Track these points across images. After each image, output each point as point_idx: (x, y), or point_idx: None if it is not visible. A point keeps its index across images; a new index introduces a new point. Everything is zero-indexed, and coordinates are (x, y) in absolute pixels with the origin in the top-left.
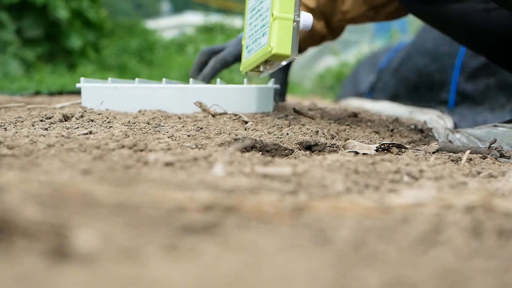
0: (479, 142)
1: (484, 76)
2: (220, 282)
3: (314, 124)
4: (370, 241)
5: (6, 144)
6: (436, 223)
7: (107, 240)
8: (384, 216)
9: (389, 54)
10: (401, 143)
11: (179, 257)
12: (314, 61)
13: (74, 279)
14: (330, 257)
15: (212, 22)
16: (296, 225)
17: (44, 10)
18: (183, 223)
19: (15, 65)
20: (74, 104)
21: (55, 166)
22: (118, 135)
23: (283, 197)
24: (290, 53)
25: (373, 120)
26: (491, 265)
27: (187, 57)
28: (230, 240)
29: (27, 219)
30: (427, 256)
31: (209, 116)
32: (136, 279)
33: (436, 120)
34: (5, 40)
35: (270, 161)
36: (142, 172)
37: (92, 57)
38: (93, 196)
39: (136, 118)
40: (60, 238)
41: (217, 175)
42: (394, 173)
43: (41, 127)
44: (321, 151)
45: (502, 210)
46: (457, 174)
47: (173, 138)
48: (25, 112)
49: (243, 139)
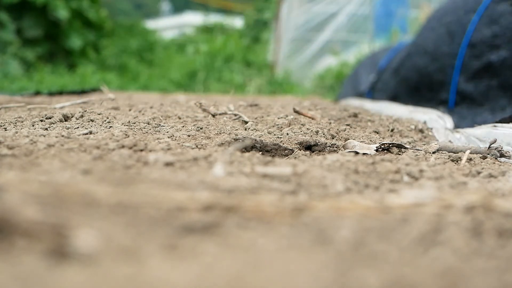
0: (479, 142)
1: (486, 77)
2: (220, 281)
3: (314, 124)
4: (370, 241)
5: (6, 144)
6: (436, 223)
7: (107, 240)
8: (384, 216)
9: (389, 54)
10: (401, 143)
11: (179, 257)
12: (314, 61)
13: (74, 279)
14: (330, 257)
15: (212, 22)
16: (296, 225)
17: (44, 10)
18: (183, 223)
19: (15, 65)
20: (74, 104)
21: (55, 166)
22: (118, 135)
23: (283, 197)
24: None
25: (373, 120)
26: (491, 265)
27: (187, 57)
28: (230, 240)
29: (27, 219)
30: (427, 256)
31: (209, 116)
32: (136, 279)
33: (436, 120)
34: (5, 40)
35: (270, 161)
36: (142, 172)
37: (92, 57)
38: (93, 196)
39: (136, 118)
40: (60, 238)
41: (217, 175)
42: (394, 173)
43: (41, 127)
44: (321, 151)
45: (502, 210)
46: (457, 174)
47: (173, 138)
48: (25, 112)
49: (243, 139)
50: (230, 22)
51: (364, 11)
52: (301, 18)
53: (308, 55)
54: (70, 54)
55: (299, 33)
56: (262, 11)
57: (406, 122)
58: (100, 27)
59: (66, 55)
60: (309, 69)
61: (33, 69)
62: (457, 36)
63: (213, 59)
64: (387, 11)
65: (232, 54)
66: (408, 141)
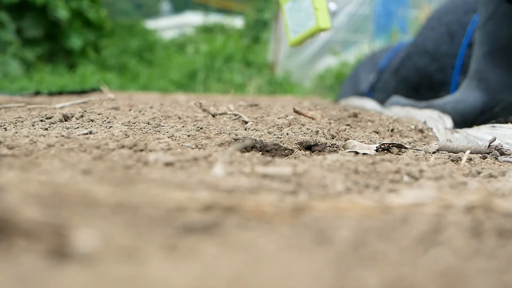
0: (479, 142)
1: None
2: (220, 281)
3: (314, 124)
4: (370, 241)
5: (6, 144)
6: (436, 223)
7: (107, 240)
8: (384, 216)
9: (389, 54)
10: (401, 143)
11: (179, 257)
12: (314, 61)
13: (74, 279)
14: (330, 257)
15: (212, 22)
16: (296, 225)
17: (44, 10)
18: (183, 223)
19: (15, 65)
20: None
21: (55, 166)
22: (118, 135)
23: (283, 197)
24: (330, 26)
25: (373, 120)
26: (491, 265)
27: (187, 57)
28: (230, 240)
29: (27, 219)
30: (427, 256)
31: (209, 116)
32: (136, 279)
33: (436, 120)
34: (5, 40)
35: (270, 161)
36: (142, 172)
37: (92, 57)
38: (93, 196)
39: (136, 118)
40: (60, 238)
41: (217, 175)
42: (394, 173)
43: (41, 127)
44: (321, 151)
45: (502, 210)
46: (457, 174)
47: (173, 138)
48: (25, 112)
49: (243, 139)
50: (230, 22)
51: (364, 11)
52: None
53: (308, 55)
54: (70, 54)
55: None
56: (262, 11)
57: (406, 122)
58: (100, 27)
59: (66, 55)
60: (309, 69)
61: (33, 69)
62: (457, 36)
63: (213, 59)
64: (387, 11)
65: (232, 54)
66: (408, 141)
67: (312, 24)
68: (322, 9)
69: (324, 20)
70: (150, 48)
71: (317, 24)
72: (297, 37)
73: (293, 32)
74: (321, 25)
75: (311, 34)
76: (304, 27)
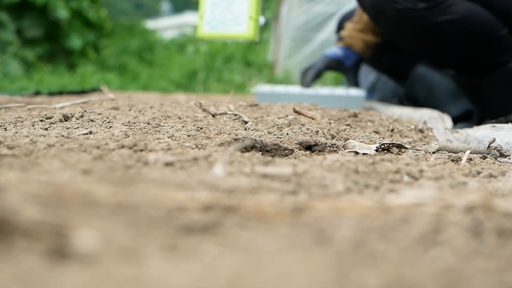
0: (479, 142)
1: None
2: (220, 281)
3: (314, 124)
4: (370, 241)
5: (6, 144)
6: (436, 223)
7: (107, 240)
8: (384, 216)
9: None
10: (401, 143)
11: (179, 257)
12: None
13: (74, 279)
14: (330, 257)
15: None
16: (296, 225)
17: (44, 10)
18: (183, 223)
19: (15, 65)
20: (74, 104)
21: (55, 166)
22: (118, 135)
23: (283, 197)
24: (257, 38)
25: (373, 120)
26: (491, 265)
27: (187, 57)
28: (230, 240)
29: (27, 219)
30: (427, 256)
31: (209, 116)
32: (136, 279)
33: (436, 120)
34: (5, 40)
35: (270, 161)
36: (142, 172)
37: (92, 57)
38: (93, 196)
39: (136, 118)
40: (60, 238)
41: (217, 175)
42: (394, 173)
43: (41, 127)
44: (321, 151)
45: (502, 210)
46: (457, 174)
47: (173, 138)
48: (25, 112)
49: (243, 139)
50: None
51: None
52: (301, 18)
53: (307, 55)
54: (70, 54)
55: (299, 33)
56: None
57: (406, 122)
58: (100, 27)
59: (66, 55)
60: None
61: (33, 69)
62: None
63: (213, 59)
64: None
65: (232, 54)
66: (408, 141)
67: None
68: (255, 20)
69: (254, 30)
70: (150, 48)
71: (247, 33)
72: (211, 33)
73: (209, 26)
74: (250, 35)
75: (231, 37)
76: (227, 28)
